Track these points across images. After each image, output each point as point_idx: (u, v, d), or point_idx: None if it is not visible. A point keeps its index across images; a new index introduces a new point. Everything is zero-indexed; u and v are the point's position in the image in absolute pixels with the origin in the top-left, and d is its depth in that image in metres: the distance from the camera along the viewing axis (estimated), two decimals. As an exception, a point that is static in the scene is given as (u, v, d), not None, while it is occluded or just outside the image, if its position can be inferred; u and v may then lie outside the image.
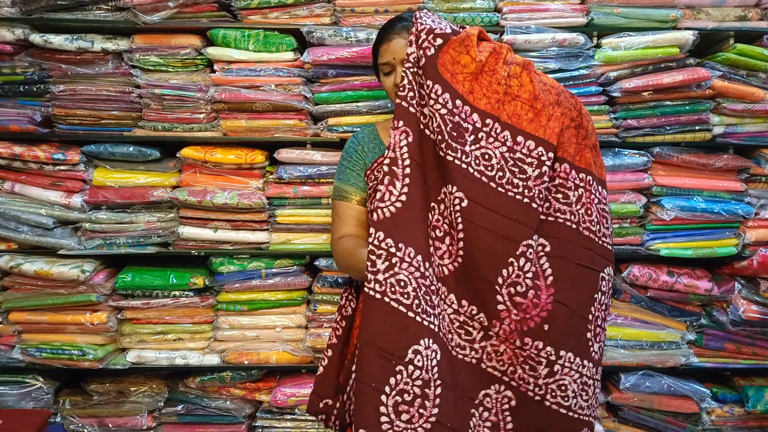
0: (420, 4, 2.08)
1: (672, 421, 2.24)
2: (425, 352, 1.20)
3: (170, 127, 2.12)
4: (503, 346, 1.28)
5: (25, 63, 2.09)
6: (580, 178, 1.34)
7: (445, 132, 1.26)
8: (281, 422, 2.27)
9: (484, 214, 1.24)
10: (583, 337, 1.31)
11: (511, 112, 1.30)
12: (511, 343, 1.27)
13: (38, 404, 2.23)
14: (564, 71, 2.08)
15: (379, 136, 1.61)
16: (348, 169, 1.56)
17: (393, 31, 1.48)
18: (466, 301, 1.28)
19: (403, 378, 1.17)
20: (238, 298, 2.19)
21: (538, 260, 1.27)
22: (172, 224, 2.17)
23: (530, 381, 1.28)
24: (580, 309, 1.30)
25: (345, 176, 1.56)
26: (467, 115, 1.28)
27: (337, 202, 1.56)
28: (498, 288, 1.24)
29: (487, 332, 1.28)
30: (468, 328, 1.28)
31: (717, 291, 2.12)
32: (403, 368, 1.18)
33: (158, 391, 2.26)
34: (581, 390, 1.30)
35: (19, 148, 2.09)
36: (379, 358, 1.18)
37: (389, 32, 1.49)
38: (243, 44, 2.07)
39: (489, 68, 1.31)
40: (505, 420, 1.31)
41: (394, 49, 1.46)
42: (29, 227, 2.14)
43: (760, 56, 2.04)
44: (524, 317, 1.25)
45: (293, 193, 2.13)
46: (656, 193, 2.13)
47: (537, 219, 1.27)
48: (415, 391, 1.18)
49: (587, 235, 1.33)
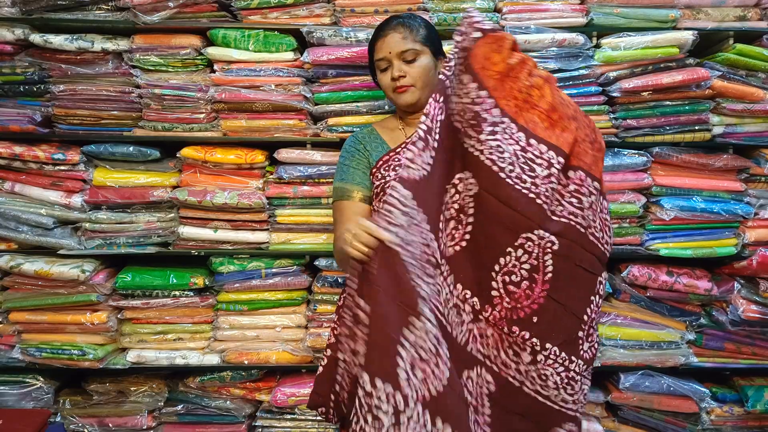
0: (420, 4, 2.08)
1: (672, 421, 2.24)
2: (430, 314, 1.20)
3: (170, 127, 2.13)
4: (491, 330, 1.32)
5: (25, 63, 2.09)
6: (594, 186, 1.38)
7: (465, 120, 1.29)
8: (281, 422, 2.27)
9: (491, 202, 1.28)
10: (574, 335, 1.35)
11: (528, 119, 1.33)
12: (499, 329, 1.31)
13: (38, 404, 2.23)
14: (564, 71, 2.08)
15: (379, 135, 1.61)
16: (351, 168, 1.55)
17: (388, 27, 1.51)
18: (461, 285, 1.31)
19: (420, 333, 1.16)
20: (238, 297, 2.19)
21: (543, 256, 1.29)
22: (172, 224, 2.17)
23: (512, 366, 1.32)
24: (574, 308, 1.34)
25: (347, 175, 1.55)
26: (489, 108, 1.30)
27: (339, 202, 1.55)
28: (494, 275, 1.28)
29: (477, 316, 1.32)
30: (459, 310, 1.32)
31: (716, 291, 2.12)
32: (420, 322, 1.16)
33: (158, 390, 2.26)
34: (566, 384, 1.34)
35: (19, 148, 2.09)
36: (396, 307, 1.15)
37: (384, 29, 1.51)
38: (243, 44, 2.07)
39: (514, 74, 1.34)
40: (483, 405, 1.34)
41: (390, 44, 1.47)
42: (29, 227, 2.14)
43: (759, 56, 2.04)
44: (515, 306, 1.29)
45: (293, 193, 2.13)
46: (656, 193, 2.13)
47: (540, 214, 1.29)
48: (431, 348, 1.17)
49: (592, 239, 1.36)
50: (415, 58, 1.50)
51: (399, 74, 1.50)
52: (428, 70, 1.52)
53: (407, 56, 1.50)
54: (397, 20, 1.52)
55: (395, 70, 1.49)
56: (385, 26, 1.53)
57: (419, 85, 1.51)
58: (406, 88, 1.51)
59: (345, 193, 1.53)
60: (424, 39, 1.52)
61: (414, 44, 1.50)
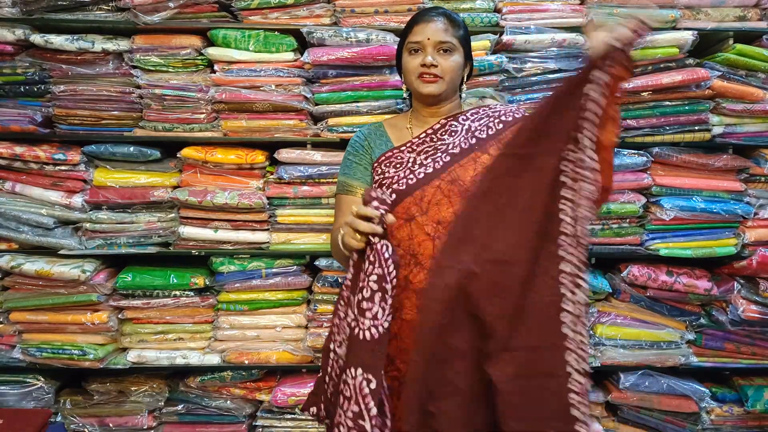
0: (420, 4, 2.08)
1: (671, 421, 2.24)
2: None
3: (171, 128, 2.13)
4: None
5: (26, 63, 2.09)
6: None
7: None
8: (281, 422, 2.28)
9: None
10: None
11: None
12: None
13: (39, 404, 2.23)
14: (563, 71, 2.09)
15: (386, 132, 1.61)
16: (354, 163, 1.56)
17: (433, 13, 1.50)
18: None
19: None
20: (238, 297, 2.20)
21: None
22: (173, 224, 2.17)
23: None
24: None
25: (351, 170, 1.56)
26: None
27: (341, 195, 1.57)
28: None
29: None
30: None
31: (716, 291, 2.12)
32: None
33: (159, 390, 2.26)
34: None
35: (20, 148, 2.09)
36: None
37: (428, 14, 1.51)
38: (243, 44, 2.07)
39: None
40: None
41: (430, 30, 1.46)
42: (30, 227, 2.14)
43: (759, 56, 2.05)
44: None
45: (293, 193, 2.13)
46: (656, 193, 2.14)
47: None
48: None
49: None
50: (450, 51, 1.49)
51: (432, 62, 1.47)
52: (458, 68, 1.51)
53: (444, 47, 1.48)
54: (441, 10, 1.52)
55: (429, 56, 1.46)
56: (428, 12, 1.52)
57: (447, 79, 1.49)
58: (435, 78, 1.49)
59: (347, 187, 1.56)
60: (462, 39, 1.51)
61: (453, 38, 1.48)
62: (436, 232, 1.40)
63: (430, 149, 1.50)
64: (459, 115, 1.56)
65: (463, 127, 1.53)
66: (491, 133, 1.51)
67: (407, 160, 1.50)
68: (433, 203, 1.42)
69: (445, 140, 1.51)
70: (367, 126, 1.63)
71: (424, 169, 1.47)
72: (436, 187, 1.44)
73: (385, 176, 1.50)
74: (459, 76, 1.54)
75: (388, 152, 1.54)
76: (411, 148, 1.52)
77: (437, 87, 1.49)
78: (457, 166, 1.45)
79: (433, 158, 1.48)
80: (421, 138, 1.53)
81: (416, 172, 1.46)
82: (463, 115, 1.56)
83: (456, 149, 1.48)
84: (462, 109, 1.61)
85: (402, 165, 1.49)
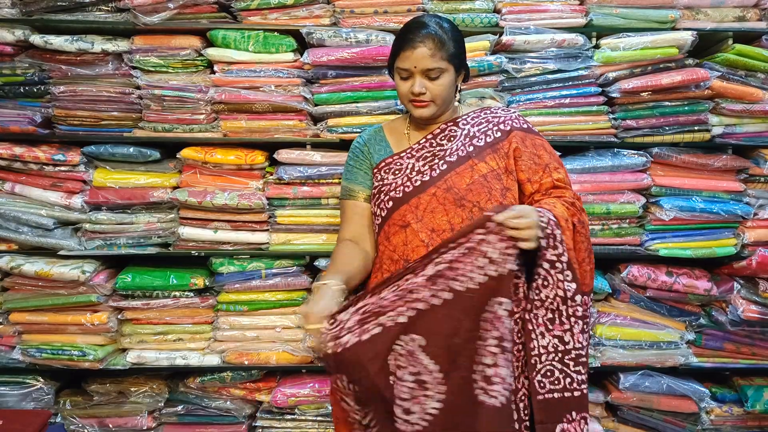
0: (419, 4, 2.08)
1: (671, 421, 2.24)
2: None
3: (170, 128, 2.13)
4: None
5: (26, 64, 2.09)
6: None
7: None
8: (281, 422, 2.28)
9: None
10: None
11: None
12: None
13: (39, 405, 2.23)
14: (563, 72, 2.09)
15: (385, 137, 1.62)
16: (355, 168, 1.60)
17: (418, 37, 1.43)
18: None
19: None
20: (238, 298, 2.19)
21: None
22: (173, 225, 2.17)
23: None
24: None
25: (352, 176, 1.59)
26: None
27: (344, 201, 1.60)
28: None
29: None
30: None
31: (716, 291, 2.12)
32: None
33: (158, 391, 2.26)
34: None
35: (20, 149, 2.09)
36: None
37: (414, 39, 1.43)
38: (243, 45, 2.07)
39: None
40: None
41: (416, 58, 1.43)
42: (30, 228, 2.14)
43: (758, 56, 2.05)
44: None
45: (293, 194, 2.13)
46: (655, 193, 2.14)
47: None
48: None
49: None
50: (438, 76, 1.46)
51: (420, 90, 1.46)
52: (449, 87, 1.49)
53: (431, 74, 1.45)
54: (427, 30, 1.44)
55: (417, 85, 1.45)
56: (414, 34, 1.44)
57: (438, 102, 1.49)
58: (426, 103, 1.48)
59: (349, 193, 1.59)
60: (452, 56, 1.46)
61: (440, 62, 1.44)
62: (430, 239, 1.43)
63: (428, 155, 1.52)
64: (459, 119, 1.57)
65: (462, 132, 1.54)
66: (489, 141, 1.51)
67: (406, 166, 1.52)
68: (428, 211, 1.45)
69: (444, 146, 1.53)
70: (366, 131, 1.65)
71: (420, 177, 1.49)
72: (431, 195, 1.46)
73: (384, 182, 1.53)
74: (452, 92, 1.53)
75: (388, 158, 1.56)
76: (410, 154, 1.54)
77: (429, 111, 1.50)
78: (453, 174, 1.47)
79: (431, 165, 1.50)
80: (420, 143, 1.55)
81: (413, 180, 1.49)
82: (463, 119, 1.57)
83: (453, 157, 1.50)
84: (461, 110, 1.61)
85: (400, 171, 1.52)
